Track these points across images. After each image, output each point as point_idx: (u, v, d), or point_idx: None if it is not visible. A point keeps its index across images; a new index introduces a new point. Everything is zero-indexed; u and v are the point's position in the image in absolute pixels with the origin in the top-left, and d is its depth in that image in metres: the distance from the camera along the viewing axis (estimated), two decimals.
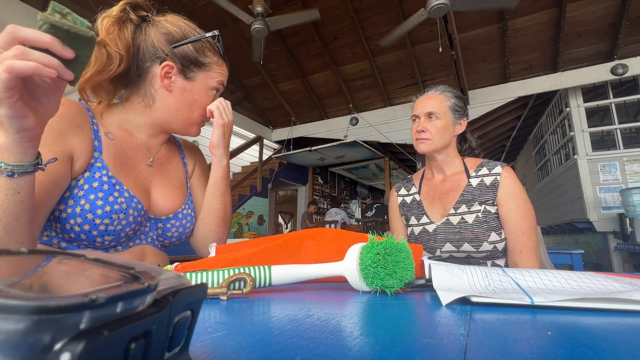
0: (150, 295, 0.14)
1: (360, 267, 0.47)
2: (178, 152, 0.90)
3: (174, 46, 0.71)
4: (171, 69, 0.71)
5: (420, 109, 1.12)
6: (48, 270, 0.16)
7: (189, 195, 0.86)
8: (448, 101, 1.12)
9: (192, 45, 0.72)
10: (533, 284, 0.45)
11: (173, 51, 0.71)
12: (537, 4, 3.99)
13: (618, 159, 4.46)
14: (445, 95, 1.13)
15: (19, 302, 0.10)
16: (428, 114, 1.10)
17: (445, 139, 1.09)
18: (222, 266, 0.52)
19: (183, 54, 0.72)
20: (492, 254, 1.01)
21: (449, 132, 1.10)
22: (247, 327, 0.31)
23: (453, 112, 1.11)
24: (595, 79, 4.41)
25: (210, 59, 0.75)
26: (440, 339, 0.26)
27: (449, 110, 1.11)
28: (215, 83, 0.77)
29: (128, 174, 0.73)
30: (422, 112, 1.11)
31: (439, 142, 1.09)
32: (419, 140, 1.11)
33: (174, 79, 0.72)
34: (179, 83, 0.73)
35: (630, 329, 0.29)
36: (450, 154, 1.13)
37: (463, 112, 1.14)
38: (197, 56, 0.73)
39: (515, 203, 1.01)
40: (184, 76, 0.73)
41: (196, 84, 0.74)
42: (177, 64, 0.72)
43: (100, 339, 0.10)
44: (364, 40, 4.75)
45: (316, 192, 7.82)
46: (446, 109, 1.11)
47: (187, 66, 0.73)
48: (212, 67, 0.76)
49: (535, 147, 6.82)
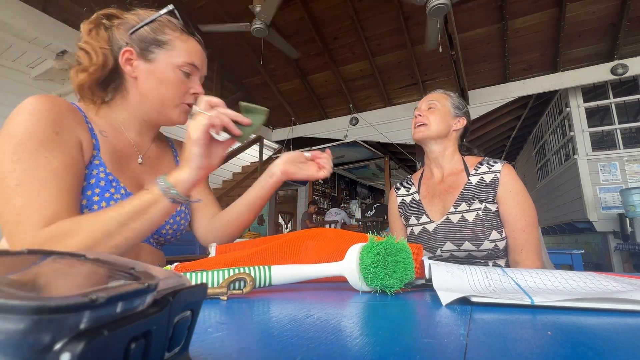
0: (150, 295, 0.14)
1: (360, 267, 0.47)
2: (170, 151, 0.90)
3: (131, 32, 0.72)
4: (131, 54, 0.71)
5: (421, 103, 1.18)
6: (48, 270, 0.16)
7: None
8: (449, 98, 1.17)
9: (149, 27, 0.72)
10: (533, 284, 0.45)
11: (131, 37, 0.72)
12: (537, 4, 3.99)
13: (618, 159, 4.45)
14: (447, 94, 1.19)
15: (19, 302, 0.10)
16: (428, 103, 1.16)
17: (441, 126, 1.11)
18: (222, 266, 0.52)
19: (140, 37, 0.72)
20: (493, 253, 1.01)
21: (447, 121, 1.13)
22: (247, 327, 0.31)
23: (453, 107, 1.16)
24: (595, 79, 4.40)
25: (170, 36, 0.73)
26: (440, 339, 0.26)
27: (449, 105, 1.16)
28: (182, 60, 0.73)
29: (124, 172, 0.73)
30: (423, 104, 1.17)
31: (435, 127, 1.11)
32: (417, 129, 1.14)
33: (136, 64, 0.72)
34: (142, 67, 0.72)
35: (630, 329, 0.29)
36: (448, 147, 1.14)
37: (462, 111, 1.17)
38: (155, 36, 0.72)
39: (515, 200, 1.01)
40: (145, 59, 0.72)
41: (159, 63, 0.72)
42: (134, 48, 0.71)
43: (100, 339, 0.10)
44: (364, 40, 4.74)
45: (316, 192, 7.82)
46: (446, 102, 1.16)
47: (147, 48, 0.72)
48: (175, 44, 0.73)
49: (535, 147, 6.82)
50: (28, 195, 0.56)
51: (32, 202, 0.56)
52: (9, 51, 3.63)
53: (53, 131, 0.60)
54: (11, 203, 0.55)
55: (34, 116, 0.59)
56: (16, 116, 0.59)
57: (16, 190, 0.55)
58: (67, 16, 3.53)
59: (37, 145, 0.58)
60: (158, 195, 0.58)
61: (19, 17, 3.09)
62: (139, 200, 0.58)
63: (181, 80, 0.74)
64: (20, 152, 0.56)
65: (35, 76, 3.90)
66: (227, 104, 0.62)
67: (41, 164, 0.57)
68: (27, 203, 0.55)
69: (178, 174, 0.60)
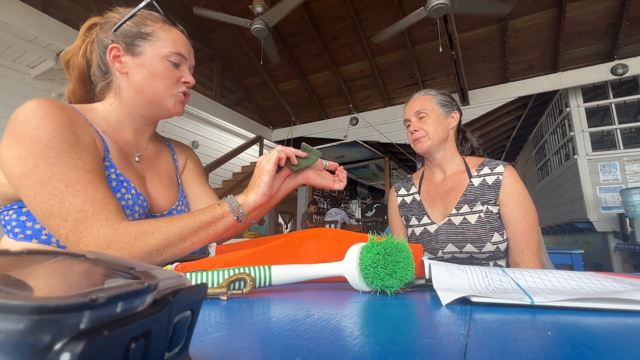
0: (150, 295, 0.14)
1: (360, 267, 0.47)
2: (167, 150, 0.90)
3: (114, 29, 0.72)
4: (118, 50, 0.72)
5: (408, 112, 1.15)
6: (48, 270, 0.16)
7: (181, 191, 0.86)
8: (433, 99, 1.14)
9: (131, 21, 0.73)
10: (533, 284, 0.45)
11: (115, 34, 0.73)
12: (537, 4, 3.99)
13: (618, 159, 4.45)
14: (429, 95, 1.15)
15: (19, 302, 0.10)
16: (417, 113, 1.12)
17: (440, 132, 1.10)
18: (222, 266, 0.52)
19: (124, 32, 0.73)
20: (494, 254, 1.00)
21: (443, 125, 1.11)
22: (247, 327, 0.31)
23: (441, 107, 1.13)
24: (595, 79, 4.41)
25: (153, 27, 0.74)
26: (440, 339, 0.26)
27: (437, 106, 1.13)
28: (168, 50, 0.73)
29: (130, 171, 0.73)
30: (411, 113, 1.14)
31: (435, 136, 1.09)
32: (417, 141, 1.12)
33: (124, 60, 0.73)
34: (130, 62, 0.73)
35: (630, 329, 0.29)
36: (449, 150, 1.13)
37: (452, 106, 1.15)
38: (138, 29, 0.73)
39: (517, 203, 1.00)
40: (132, 53, 0.73)
41: (146, 56, 0.73)
42: (120, 44, 0.72)
43: (100, 339, 0.10)
44: (364, 40, 4.74)
45: (316, 192, 7.82)
46: (433, 106, 1.13)
47: (132, 42, 0.73)
48: (159, 34, 0.74)
49: (535, 147, 6.82)
50: (83, 194, 0.57)
51: (91, 199, 0.57)
52: (9, 51, 3.62)
53: (74, 134, 0.61)
54: (67, 202, 0.56)
55: (52, 120, 0.59)
56: (29, 121, 0.58)
57: (68, 190, 0.57)
58: (67, 16, 3.53)
59: (68, 148, 0.59)
60: (227, 212, 0.65)
61: (19, 17, 3.09)
62: (210, 212, 0.65)
63: (170, 70, 0.75)
64: (54, 157, 0.57)
65: (35, 76, 3.90)
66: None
67: (80, 165, 0.59)
68: (86, 200, 0.57)
69: (246, 197, 0.67)
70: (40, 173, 0.56)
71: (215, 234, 0.65)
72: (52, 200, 0.56)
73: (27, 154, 0.57)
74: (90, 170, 0.60)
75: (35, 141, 0.57)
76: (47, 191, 0.56)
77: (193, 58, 0.80)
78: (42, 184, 0.56)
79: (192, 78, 0.78)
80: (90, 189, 0.58)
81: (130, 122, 0.77)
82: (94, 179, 0.60)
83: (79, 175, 0.58)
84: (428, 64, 4.94)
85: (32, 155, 0.56)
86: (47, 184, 0.56)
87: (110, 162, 0.69)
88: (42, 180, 0.56)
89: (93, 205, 0.58)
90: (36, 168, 0.56)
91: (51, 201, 0.56)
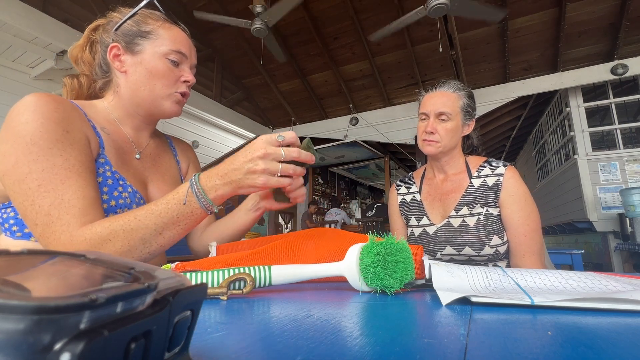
0: (150, 295, 0.14)
1: (360, 267, 0.47)
2: (169, 149, 0.90)
3: (115, 28, 0.73)
4: (118, 49, 0.73)
5: (430, 107, 1.05)
6: (48, 271, 0.16)
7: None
8: (460, 101, 1.06)
9: (132, 20, 0.73)
10: (533, 284, 0.45)
11: (116, 33, 0.73)
12: (537, 4, 3.99)
13: (618, 159, 4.45)
14: (457, 94, 1.06)
15: (19, 302, 0.10)
16: (439, 114, 1.03)
17: (453, 141, 1.05)
18: (222, 266, 0.52)
19: (124, 31, 0.73)
20: (493, 257, 0.99)
21: (458, 134, 1.06)
22: (247, 327, 0.31)
23: (464, 113, 1.06)
24: (595, 79, 4.40)
25: (153, 25, 0.74)
26: (440, 339, 0.26)
27: (461, 112, 1.05)
28: (168, 48, 0.73)
29: (128, 169, 0.73)
30: (433, 111, 1.04)
31: (447, 144, 1.04)
32: (427, 142, 1.05)
33: (124, 58, 0.73)
34: (129, 60, 0.73)
35: (630, 329, 0.29)
36: (455, 155, 1.10)
37: (472, 114, 1.10)
38: (138, 28, 0.73)
39: (518, 205, 0.98)
40: (131, 52, 0.73)
41: (145, 54, 0.73)
42: (120, 43, 0.73)
43: (100, 339, 0.10)
44: (364, 40, 4.74)
45: (316, 192, 7.82)
46: (458, 110, 1.05)
47: (132, 41, 0.73)
48: (159, 32, 0.74)
49: (535, 147, 6.82)
50: (52, 195, 0.56)
51: (58, 201, 0.56)
52: (9, 51, 3.62)
53: (63, 129, 0.60)
54: (37, 204, 0.55)
55: (42, 115, 0.58)
56: (20, 115, 0.57)
57: (39, 191, 0.55)
58: (67, 16, 3.53)
59: (50, 144, 0.57)
60: (197, 208, 0.59)
61: (19, 17, 3.09)
62: (176, 210, 0.58)
63: (170, 69, 0.74)
64: (36, 153, 0.56)
65: (35, 76, 3.90)
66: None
67: (58, 163, 0.57)
68: (53, 203, 0.56)
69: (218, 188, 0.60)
70: (19, 171, 0.56)
71: (185, 230, 0.61)
72: (25, 202, 0.56)
73: (12, 149, 0.56)
74: (67, 168, 0.58)
75: (20, 136, 0.56)
76: (23, 191, 0.56)
77: (195, 57, 0.80)
78: (19, 183, 0.56)
79: (192, 77, 0.77)
80: (60, 190, 0.56)
81: (129, 119, 0.77)
82: (69, 177, 0.58)
83: (54, 174, 0.56)
84: (428, 64, 4.94)
85: (15, 152, 0.56)
86: (23, 184, 0.55)
87: (105, 159, 0.68)
88: (19, 179, 0.56)
89: (59, 209, 0.56)
90: (16, 165, 0.56)
91: (25, 202, 0.56)
